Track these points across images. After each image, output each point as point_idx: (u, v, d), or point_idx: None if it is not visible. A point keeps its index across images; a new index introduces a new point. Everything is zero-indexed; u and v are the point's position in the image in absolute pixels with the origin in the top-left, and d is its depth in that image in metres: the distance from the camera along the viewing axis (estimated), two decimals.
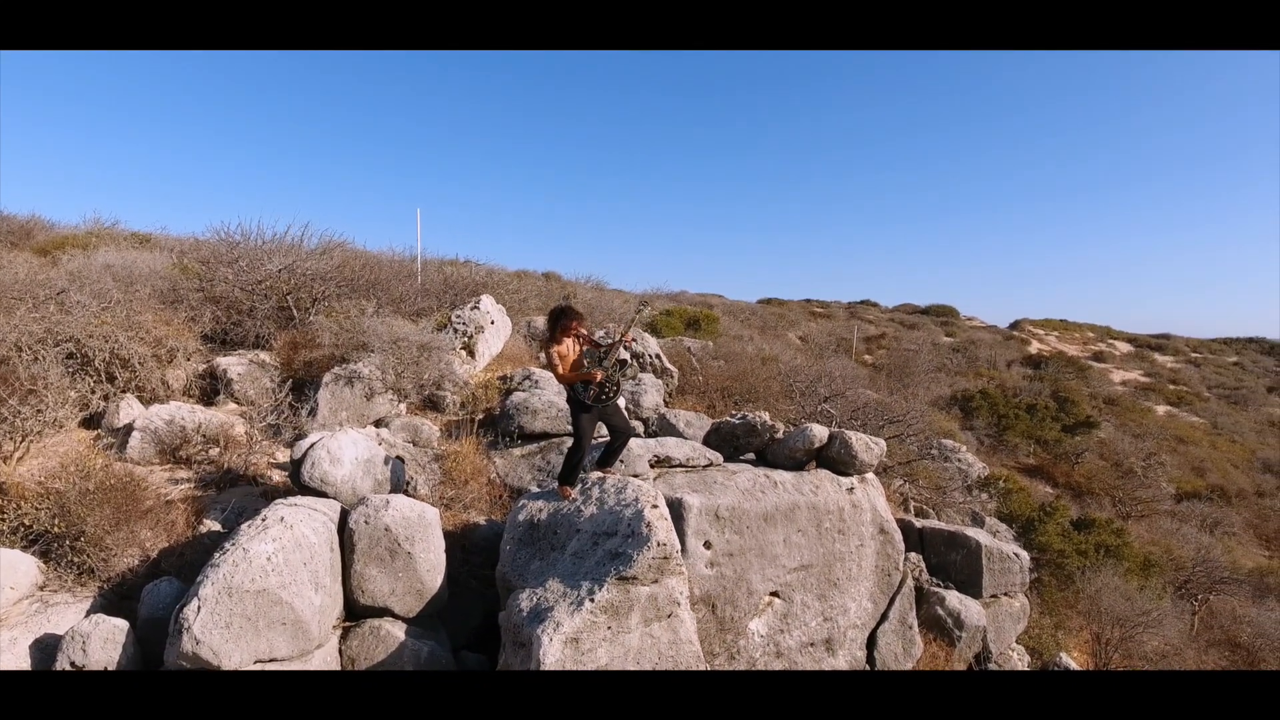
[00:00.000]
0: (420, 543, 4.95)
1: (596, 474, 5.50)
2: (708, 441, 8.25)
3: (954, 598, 8.89)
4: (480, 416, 8.40)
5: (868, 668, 7.74)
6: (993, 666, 9.03)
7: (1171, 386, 31.11)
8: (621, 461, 6.98)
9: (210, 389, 7.71)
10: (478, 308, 9.51)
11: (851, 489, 7.86)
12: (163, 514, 5.23)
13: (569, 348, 5.34)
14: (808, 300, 37.15)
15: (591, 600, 4.30)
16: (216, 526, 5.41)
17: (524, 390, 8.09)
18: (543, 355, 5.61)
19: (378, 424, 7.42)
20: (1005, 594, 9.66)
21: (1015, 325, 36.97)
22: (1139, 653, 12.35)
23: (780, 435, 8.13)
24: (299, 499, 4.93)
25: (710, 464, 7.60)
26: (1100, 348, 35.46)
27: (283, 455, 6.90)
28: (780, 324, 28.00)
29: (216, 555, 4.20)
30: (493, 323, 9.71)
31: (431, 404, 8.19)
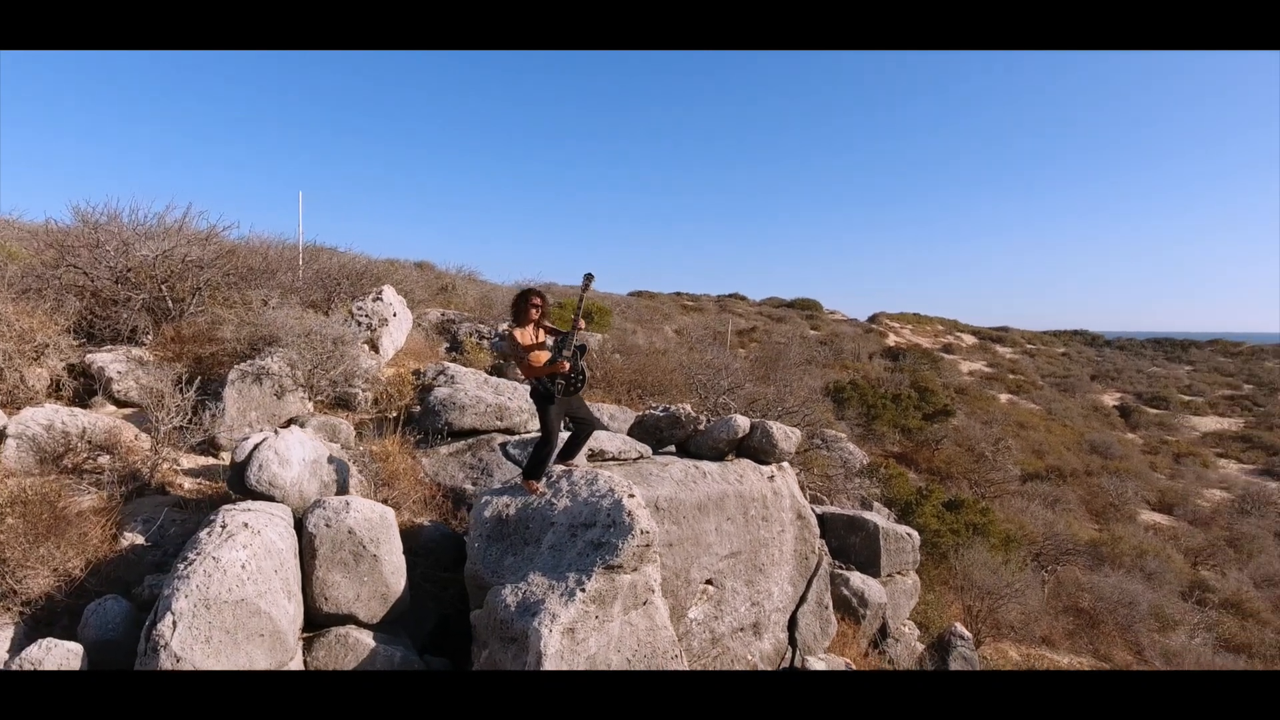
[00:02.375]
0: (385, 544, 4.95)
1: (560, 467, 5.68)
2: (631, 434, 8.58)
3: (857, 578, 9.76)
4: (394, 414, 8.30)
5: (790, 649, 8.38)
6: (891, 641, 9.99)
7: (1011, 376, 34.81)
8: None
9: (84, 389, 7.14)
10: (380, 299, 9.32)
11: (772, 477, 8.46)
12: (75, 528, 4.88)
13: (531, 335, 5.46)
14: (678, 293, 38.29)
15: (582, 590, 4.52)
16: (140, 540, 5.12)
17: (445, 385, 8.07)
18: (507, 343, 5.64)
19: (290, 424, 7.18)
20: (899, 572, 10.70)
21: (874, 319, 39.95)
22: (1005, 621, 13.99)
23: (703, 427, 8.61)
24: (251, 504, 4.79)
25: (640, 456, 7.95)
26: (949, 340, 39.07)
27: (188, 461, 6.56)
28: (655, 317, 28.77)
29: (181, 566, 4.04)
30: (395, 315, 9.55)
31: (342, 402, 7.99)
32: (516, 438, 7.58)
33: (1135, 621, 15.37)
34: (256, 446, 5.19)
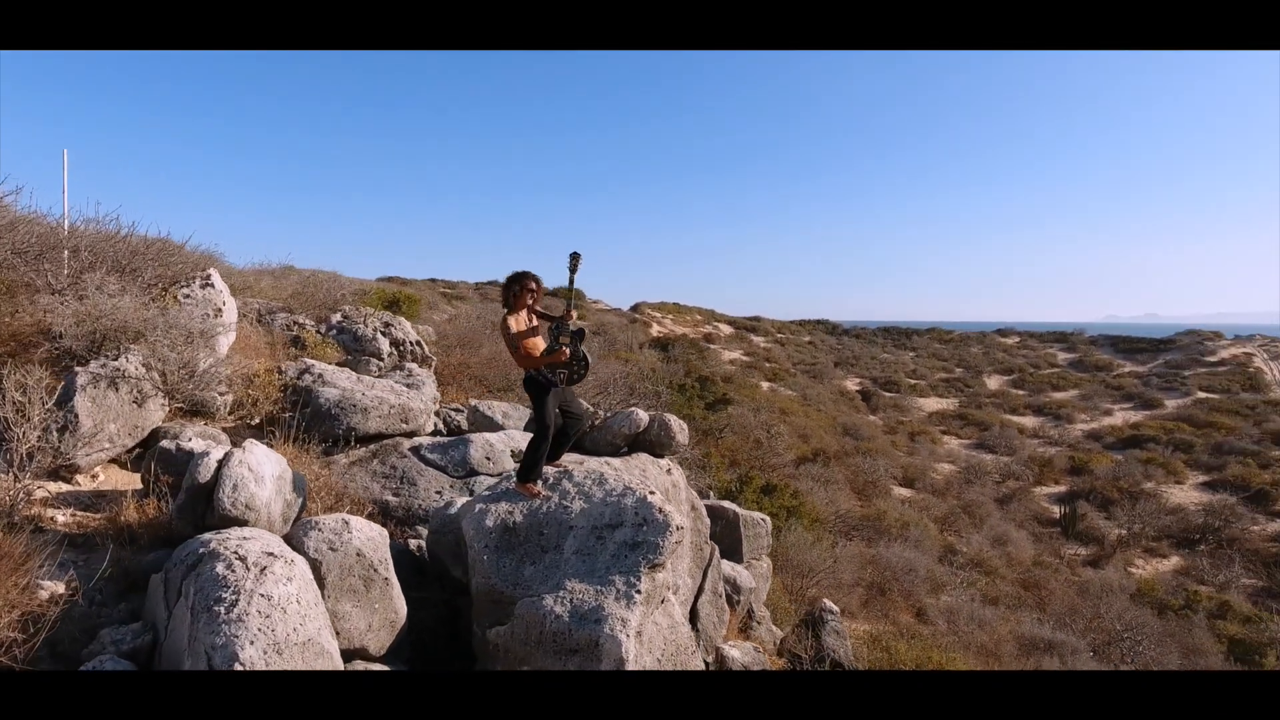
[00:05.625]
0: (390, 565, 4.71)
1: (553, 469, 5.69)
2: (528, 430, 8.61)
3: (728, 565, 10.61)
4: (257, 420, 7.60)
5: (695, 639, 8.96)
6: (755, 624, 11.00)
7: (768, 364, 38.58)
8: (488, 459, 7.10)
9: None
10: (210, 285, 8.36)
11: (670, 470, 8.97)
12: None
13: (525, 320, 5.40)
14: (433, 280, 37.34)
15: (637, 592, 4.70)
16: (59, 589, 4.33)
17: (322, 385, 7.51)
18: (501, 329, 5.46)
19: (154, 436, 6.32)
20: (756, 558, 11.75)
21: (636, 308, 42.02)
22: (817, 598, 15.81)
23: (598, 421, 8.87)
24: (247, 531, 4.28)
25: None
26: (709, 330, 42.29)
27: (41, 491, 5.55)
28: (419, 306, 27.93)
29: (220, 610, 3.57)
30: (225, 304, 8.62)
31: (198, 408, 7.14)
32: (430, 440, 7.33)
33: (916, 587, 18.12)
34: (222, 463, 4.64)
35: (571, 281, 5.54)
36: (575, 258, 5.42)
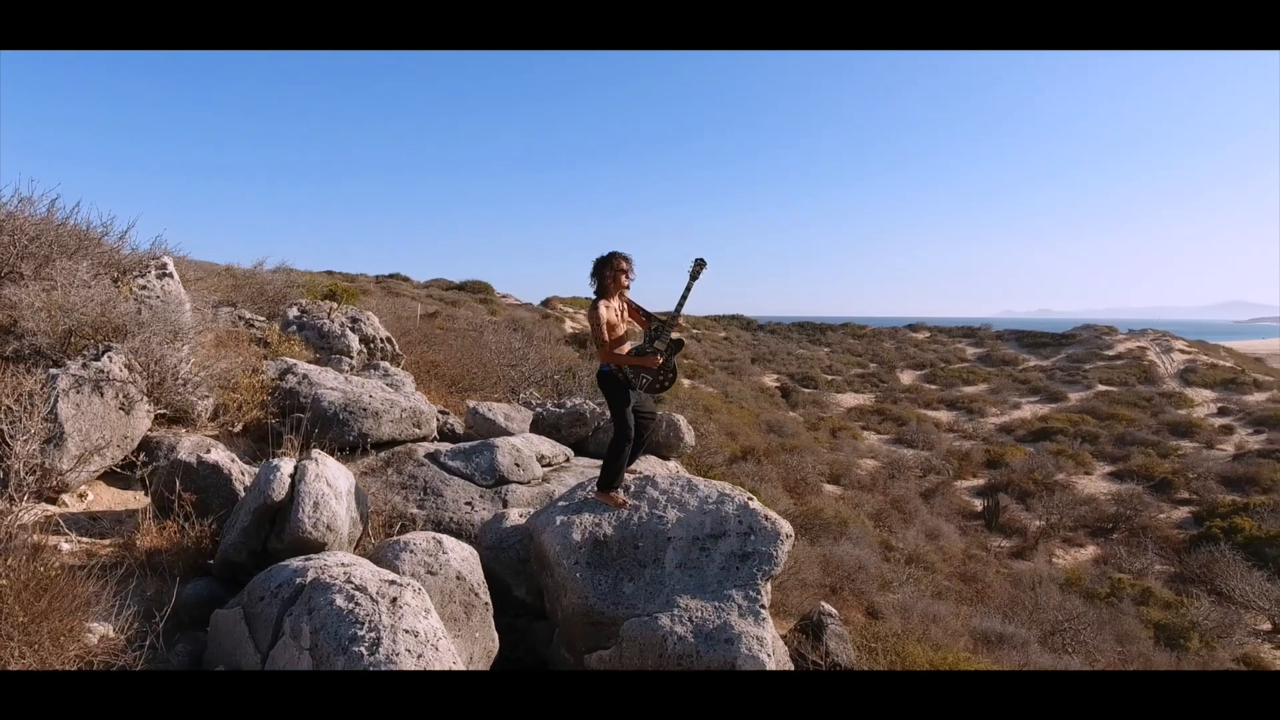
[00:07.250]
0: (487, 588, 4.30)
1: (631, 476, 5.37)
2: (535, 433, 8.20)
3: None
4: (239, 427, 6.94)
5: None
6: None
7: (686, 360, 38.76)
8: (516, 465, 6.70)
9: None
10: (168, 275, 7.58)
11: (677, 473, 8.75)
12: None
13: (617, 310, 5.10)
14: (329, 272, 35.68)
15: (762, 607, 4.47)
16: (106, 630, 3.73)
17: (323, 386, 6.91)
18: (591, 315, 5.05)
19: (142, 450, 5.64)
20: None
21: (547, 303, 41.37)
22: (789, 602, 15.91)
23: (601, 423, 8.55)
24: (343, 556, 3.78)
25: (568, 459, 7.67)
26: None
27: (30, 515, 4.83)
28: (357, 298, 26.70)
29: (361, 650, 3.11)
30: (184, 297, 7.86)
31: (176, 414, 6.43)
32: (448, 446, 6.84)
33: (866, 585, 18.47)
34: (297, 478, 4.11)
35: (689, 288, 5.27)
36: (700, 264, 5.23)
